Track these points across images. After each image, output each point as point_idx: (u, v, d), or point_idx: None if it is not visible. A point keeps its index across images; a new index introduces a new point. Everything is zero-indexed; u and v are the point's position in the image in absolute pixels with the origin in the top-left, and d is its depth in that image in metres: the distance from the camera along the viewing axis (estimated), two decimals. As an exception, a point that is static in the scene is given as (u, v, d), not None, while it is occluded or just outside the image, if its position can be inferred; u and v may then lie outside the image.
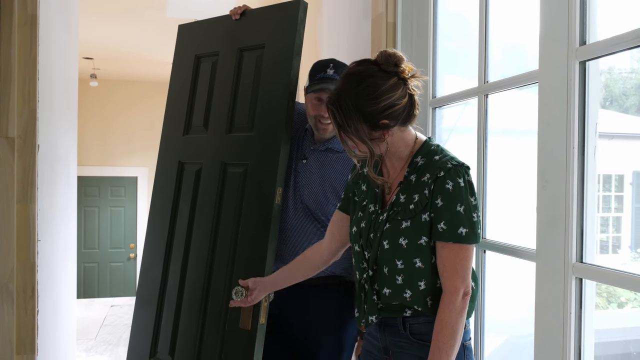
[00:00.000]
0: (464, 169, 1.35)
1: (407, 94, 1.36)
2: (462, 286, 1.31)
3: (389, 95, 1.32)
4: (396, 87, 1.34)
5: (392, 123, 1.35)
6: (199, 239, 2.14)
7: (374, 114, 1.33)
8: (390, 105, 1.33)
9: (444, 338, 1.30)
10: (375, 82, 1.33)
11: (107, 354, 4.69)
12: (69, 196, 2.93)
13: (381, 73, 1.34)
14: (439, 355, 1.29)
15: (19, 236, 2.13)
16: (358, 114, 1.32)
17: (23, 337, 2.15)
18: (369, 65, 1.37)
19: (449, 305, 1.31)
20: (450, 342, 1.29)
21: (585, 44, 1.22)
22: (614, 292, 3.73)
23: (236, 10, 2.14)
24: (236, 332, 1.93)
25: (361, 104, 1.32)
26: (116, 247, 8.07)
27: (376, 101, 1.32)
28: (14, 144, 2.13)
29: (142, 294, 2.32)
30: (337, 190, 1.92)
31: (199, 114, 2.25)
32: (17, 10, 2.15)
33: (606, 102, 3.21)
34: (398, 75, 1.35)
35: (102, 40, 5.73)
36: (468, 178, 1.34)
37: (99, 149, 7.79)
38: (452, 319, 1.30)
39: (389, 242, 1.38)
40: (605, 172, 3.94)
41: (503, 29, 1.90)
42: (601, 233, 4.01)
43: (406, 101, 1.35)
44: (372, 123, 1.34)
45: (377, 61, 1.37)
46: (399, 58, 1.35)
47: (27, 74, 2.18)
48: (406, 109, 1.36)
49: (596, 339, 3.02)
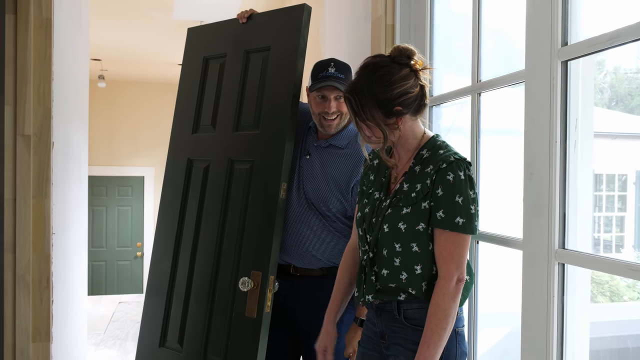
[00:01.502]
0: (466, 163, 1.44)
1: (419, 84, 1.47)
2: (456, 272, 1.40)
3: (402, 84, 1.43)
4: (408, 77, 1.44)
5: (405, 110, 1.45)
6: (207, 232, 2.23)
7: (389, 100, 1.43)
8: (403, 93, 1.43)
9: (436, 320, 1.38)
10: (389, 71, 1.44)
11: (115, 348, 4.80)
12: (80, 192, 3.03)
13: (394, 64, 1.45)
14: (431, 335, 1.38)
15: (35, 229, 2.23)
16: (373, 100, 1.43)
17: (38, 325, 2.24)
18: (383, 57, 1.48)
19: (443, 290, 1.39)
20: (442, 324, 1.38)
21: (567, 44, 1.31)
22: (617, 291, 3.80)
23: (243, 14, 2.23)
24: (242, 320, 2.02)
25: (376, 91, 1.43)
26: (123, 246, 8.19)
27: (390, 88, 1.42)
28: (30, 142, 2.23)
29: (152, 285, 2.40)
30: (339, 184, 2.00)
31: (207, 113, 2.34)
32: (33, 14, 2.25)
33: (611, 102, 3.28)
34: (410, 67, 1.46)
35: (110, 42, 5.83)
36: (469, 173, 1.43)
37: (106, 149, 7.91)
38: (444, 303, 1.38)
39: (388, 226, 1.47)
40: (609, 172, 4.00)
41: (496, 30, 1.99)
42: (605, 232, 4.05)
43: (418, 91, 1.46)
44: (386, 109, 1.44)
45: (391, 55, 1.48)
46: (411, 51, 1.47)
47: (42, 74, 2.28)
48: (418, 99, 1.47)
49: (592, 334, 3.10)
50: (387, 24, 2.19)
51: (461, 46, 2.10)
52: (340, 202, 2.00)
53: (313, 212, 2.03)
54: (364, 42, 2.49)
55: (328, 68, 1.97)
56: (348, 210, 2.01)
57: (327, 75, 1.95)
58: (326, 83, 1.94)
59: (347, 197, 1.99)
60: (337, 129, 2.02)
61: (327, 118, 1.99)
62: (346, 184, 1.99)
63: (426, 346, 1.39)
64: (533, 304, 1.39)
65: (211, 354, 2.10)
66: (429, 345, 1.39)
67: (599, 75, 3.27)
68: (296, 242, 2.04)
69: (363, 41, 2.51)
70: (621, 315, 3.56)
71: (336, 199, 1.99)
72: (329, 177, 2.01)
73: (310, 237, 2.03)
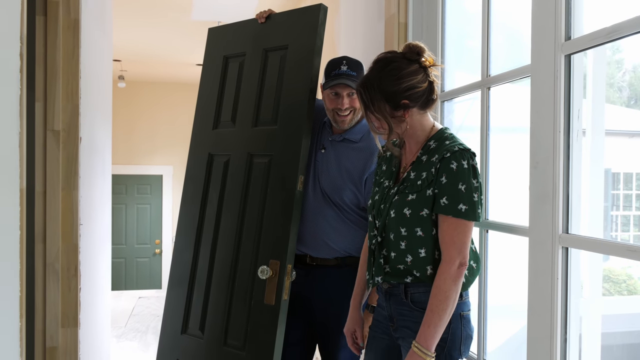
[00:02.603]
0: (470, 153, 1.51)
1: (427, 80, 1.55)
2: (458, 257, 1.47)
3: (410, 78, 1.52)
4: (417, 73, 1.53)
5: (412, 104, 1.54)
6: (227, 223, 2.32)
7: (396, 93, 1.52)
8: (411, 87, 1.52)
9: (437, 302, 1.46)
10: (399, 66, 1.53)
11: (136, 340, 4.93)
12: (104, 186, 3.15)
13: (404, 60, 1.54)
14: (431, 316, 1.46)
15: (64, 220, 2.34)
16: (382, 94, 1.52)
17: (67, 311, 2.35)
18: (394, 53, 1.58)
19: (444, 273, 1.47)
20: (442, 305, 1.45)
21: (570, 39, 1.38)
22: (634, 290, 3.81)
23: (262, 14, 2.32)
24: (261, 308, 2.10)
25: (385, 84, 1.52)
26: (142, 243, 8.33)
27: (398, 82, 1.51)
28: (59, 137, 2.34)
29: (174, 275, 2.50)
30: (353, 176, 2.08)
31: (227, 109, 2.43)
32: (62, 15, 2.36)
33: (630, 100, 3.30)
34: (419, 63, 1.54)
35: (130, 43, 5.94)
36: (472, 162, 1.50)
37: (126, 148, 8.05)
38: (445, 285, 1.46)
39: (395, 212, 1.56)
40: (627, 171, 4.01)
41: (506, 26, 2.05)
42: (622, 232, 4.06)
43: (426, 86, 1.54)
44: (394, 103, 1.53)
45: (402, 51, 1.57)
46: (421, 48, 1.56)
47: (70, 72, 2.39)
48: (425, 94, 1.55)
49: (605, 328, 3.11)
50: (399, 22, 2.26)
51: (473, 45, 2.17)
52: (354, 194, 2.07)
53: (328, 204, 2.11)
54: (377, 40, 2.57)
55: (340, 66, 2.04)
56: (361, 202, 2.08)
57: (340, 73, 2.03)
58: (338, 81, 2.02)
59: (361, 189, 2.06)
60: (350, 124, 2.09)
61: (340, 114, 2.07)
62: (359, 177, 2.06)
63: (427, 325, 1.46)
64: (538, 287, 1.45)
65: (231, 339, 2.19)
66: (429, 325, 1.46)
67: (618, 74, 3.29)
68: (312, 233, 2.11)
69: (377, 39, 2.59)
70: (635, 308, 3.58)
71: (350, 191, 2.06)
72: (343, 170, 2.09)
73: (326, 228, 2.10)
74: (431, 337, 1.46)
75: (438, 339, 1.47)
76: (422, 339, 1.46)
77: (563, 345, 1.42)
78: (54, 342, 2.32)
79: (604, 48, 2.76)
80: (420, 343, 1.46)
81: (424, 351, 1.45)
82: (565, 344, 1.42)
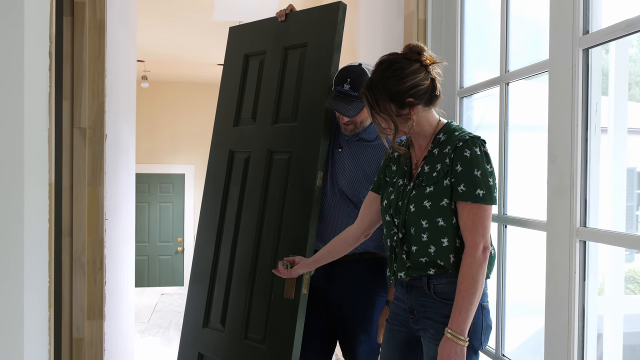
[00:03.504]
0: (480, 140, 1.56)
1: (429, 77, 1.60)
2: (481, 241, 1.50)
3: (412, 77, 1.57)
4: (418, 71, 1.59)
5: (416, 102, 1.59)
6: (247, 219, 2.35)
7: (401, 92, 1.57)
8: (414, 85, 1.57)
9: (465, 287, 1.49)
10: (401, 66, 1.58)
11: (159, 335, 5.01)
12: (129, 182, 3.21)
13: (406, 60, 1.60)
14: (462, 302, 1.49)
15: (90, 215, 2.40)
16: (386, 94, 1.58)
17: (92, 304, 2.42)
18: (396, 55, 1.63)
19: (470, 258, 1.50)
20: (471, 289, 1.48)
21: (588, 32, 1.38)
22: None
23: (282, 12, 2.35)
24: (281, 302, 2.13)
25: (389, 85, 1.57)
26: (165, 241, 8.46)
27: (402, 82, 1.57)
28: (86, 134, 2.40)
29: (196, 270, 2.54)
30: (369, 175, 2.10)
31: (248, 107, 2.47)
32: (88, 15, 2.42)
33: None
34: (420, 62, 1.60)
35: (153, 43, 6.03)
36: (484, 149, 1.55)
37: (149, 148, 8.18)
38: (472, 270, 1.49)
39: (414, 206, 1.59)
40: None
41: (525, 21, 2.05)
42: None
43: (428, 84, 1.60)
44: (399, 102, 1.58)
45: (403, 52, 1.63)
46: (421, 48, 1.61)
47: (97, 71, 2.46)
48: (429, 91, 1.61)
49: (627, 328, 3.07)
50: (419, 19, 2.27)
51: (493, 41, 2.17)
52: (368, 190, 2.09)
53: (345, 202, 2.13)
54: (396, 38, 2.58)
55: (344, 84, 2.00)
56: None
57: (341, 92, 2.00)
58: (335, 108, 2.00)
59: None
60: (354, 133, 2.10)
61: (342, 123, 2.09)
62: (374, 174, 2.08)
63: (458, 312, 1.49)
64: (555, 281, 1.46)
65: (252, 333, 2.22)
66: (460, 311, 1.49)
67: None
68: (330, 230, 2.14)
69: (396, 37, 2.60)
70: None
71: (366, 189, 2.08)
72: (360, 170, 2.11)
73: (344, 225, 2.13)
74: (463, 322, 1.49)
75: (469, 324, 1.50)
76: (454, 324, 1.49)
77: (581, 340, 1.42)
78: (80, 333, 2.38)
79: (626, 45, 2.73)
80: (453, 329, 1.49)
81: (457, 336, 1.48)
82: (583, 339, 1.43)
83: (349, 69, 2.04)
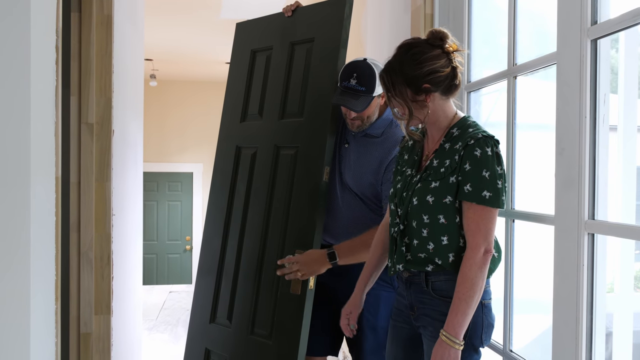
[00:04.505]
0: (494, 140, 1.51)
1: (450, 65, 1.55)
2: (483, 243, 1.46)
3: (432, 62, 1.53)
4: (439, 57, 1.54)
5: (433, 88, 1.54)
6: (254, 214, 2.35)
7: (418, 77, 1.52)
8: (432, 71, 1.53)
9: (463, 289, 1.45)
10: (421, 50, 1.54)
11: (167, 332, 5.03)
12: (136, 178, 3.23)
13: (427, 45, 1.55)
14: (459, 304, 1.45)
15: (97, 210, 2.41)
16: (403, 77, 1.53)
17: (100, 299, 2.43)
18: (417, 39, 1.59)
19: (470, 260, 1.46)
20: (469, 292, 1.44)
21: (596, 23, 1.36)
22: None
23: (289, 7, 2.35)
24: (287, 297, 2.13)
25: (406, 69, 1.53)
26: (173, 240, 8.49)
27: (419, 66, 1.52)
28: (93, 129, 2.41)
29: (203, 266, 2.54)
30: (374, 170, 2.08)
31: (254, 102, 2.46)
32: (95, 11, 2.43)
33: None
34: (442, 48, 1.55)
35: (161, 42, 6.05)
36: (496, 150, 1.50)
37: (157, 146, 8.20)
38: (472, 272, 1.45)
39: (417, 199, 1.56)
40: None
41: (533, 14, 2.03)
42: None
43: (448, 71, 1.55)
44: (415, 87, 1.53)
45: (426, 37, 1.58)
46: (444, 34, 1.56)
47: (104, 67, 2.46)
48: (448, 79, 1.56)
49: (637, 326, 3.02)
50: (426, 14, 2.26)
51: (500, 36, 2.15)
52: (375, 187, 2.08)
53: (352, 197, 2.13)
54: (404, 33, 2.57)
55: (350, 79, 1.99)
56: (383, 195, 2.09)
57: (347, 87, 1.99)
58: (342, 103, 1.99)
59: (380, 181, 2.07)
60: (359, 130, 2.09)
61: (349, 118, 2.07)
62: (378, 170, 2.07)
63: (454, 314, 1.46)
64: (563, 275, 1.44)
65: (258, 328, 2.22)
66: (457, 313, 1.45)
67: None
68: (337, 224, 2.14)
69: (403, 32, 2.59)
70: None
71: (372, 185, 2.08)
72: (365, 165, 2.10)
73: (351, 220, 2.12)
74: (459, 325, 1.45)
75: (466, 327, 1.47)
76: (450, 327, 1.46)
77: (589, 335, 1.41)
78: (88, 328, 2.39)
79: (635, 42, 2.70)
80: (448, 332, 1.46)
81: (452, 339, 1.45)
82: (591, 333, 1.41)
83: (354, 64, 2.03)
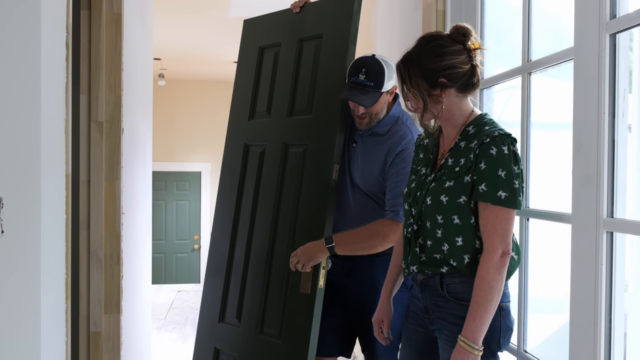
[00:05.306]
0: (510, 139, 1.46)
1: (470, 63, 1.51)
2: (501, 245, 1.41)
3: (450, 57, 1.49)
4: (459, 53, 1.50)
5: (449, 83, 1.50)
6: (263, 212, 2.33)
7: (435, 71, 1.49)
8: (450, 66, 1.49)
9: (481, 292, 1.41)
10: (441, 44, 1.51)
11: (175, 332, 5.03)
12: (145, 177, 3.22)
13: (448, 39, 1.52)
14: (477, 308, 1.41)
15: (107, 209, 2.41)
16: (420, 70, 1.50)
17: (110, 298, 2.42)
18: (439, 33, 1.58)
19: (487, 262, 1.41)
20: (487, 296, 1.40)
21: (615, 17, 1.33)
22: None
23: (297, 3, 2.33)
24: (297, 296, 2.11)
25: (424, 61, 1.50)
26: (181, 239, 8.49)
27: (437, 59, 1.49)
28: (102, 128, 2.40)
29: (211, 265, 2.53)
30: (381, 169, 2.06)
31: (262, 100, 2.45)
32: (105, 9, 2.42)
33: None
34: (464, 44, 1.51)
35: (170, 41, 6.05)
36: (513, 148, 1.45)
37: (165, 145, 8.21)
38: (489, 275, 1.40)
39: (431, 199, 1.52)
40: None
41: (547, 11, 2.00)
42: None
43: (467, 68, 1.51)
44: (431, 80, 1.50)
45: (449, 32, 1.55)
46: (468, 30, 1.52)
47: (114, 65, 2.46)
48: (466, 76, 1.51)
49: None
50: (437, 10, 2.23)
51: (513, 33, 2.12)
52: (383, 186, 2.06)
53: (363, 196, 2.11)
54: (415, 30, 2.54)
55: (359, 74, 1.97)
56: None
57: (356, 83, 1.96)
58: (350, 98, 1.97)
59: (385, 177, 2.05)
60: (367, 127, 2.06)
61: (356, 115, 2.05)
62: (384, 167, 2.04)
63: (472, 318, 1.41)
64: (581, 274, 1.41)
65: (267, 328, 2.20)
66: (474, 318, 1.41)
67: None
68: (347, 223, 2.11)
69: (414, 28, 2.56)
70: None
71: (379, 184, 2.06)
72: (372, 164, 2.07)
73: (361, 218, 2.10)
74: (477, 330, 1.41)
75: (485, 332, 1.42)
76: (468, 332, 1.41)
77: (607, 337, 1.38)
78: (98, 327, 2.38)
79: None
80: (466, 337, 1.42)
81: (471, 345, 1.41)
82: (610, 335, 1.38)
83: (363, 60, 2.01)
